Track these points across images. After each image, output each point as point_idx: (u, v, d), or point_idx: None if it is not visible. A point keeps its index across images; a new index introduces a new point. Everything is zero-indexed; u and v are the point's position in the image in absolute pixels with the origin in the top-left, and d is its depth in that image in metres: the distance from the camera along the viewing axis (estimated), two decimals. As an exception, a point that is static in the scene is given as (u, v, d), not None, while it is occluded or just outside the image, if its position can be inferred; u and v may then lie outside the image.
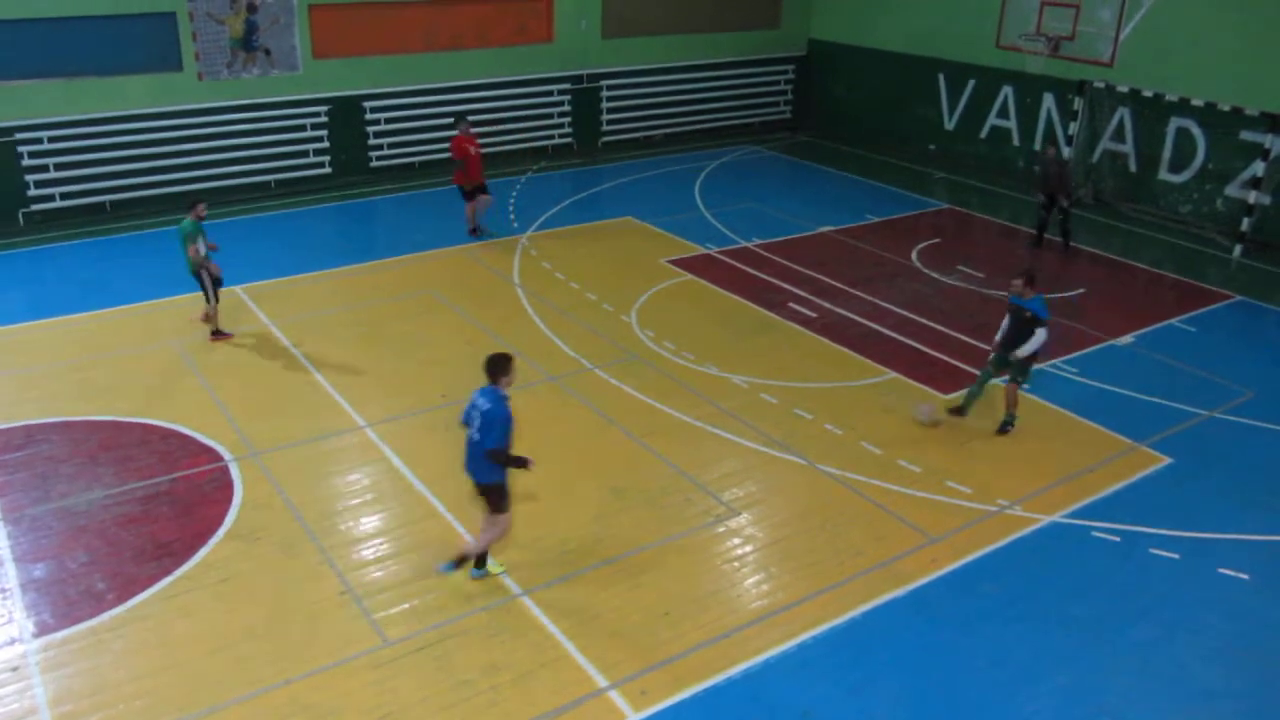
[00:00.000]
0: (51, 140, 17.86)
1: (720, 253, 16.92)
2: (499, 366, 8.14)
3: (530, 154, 22.71)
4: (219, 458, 10.59)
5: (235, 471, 10.34)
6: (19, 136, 17.58)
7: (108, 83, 18.20)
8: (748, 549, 9.30)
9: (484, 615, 8.34)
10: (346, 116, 20.44)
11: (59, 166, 18.02)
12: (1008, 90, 21.42)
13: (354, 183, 20.56)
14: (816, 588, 8.72)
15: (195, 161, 19.10)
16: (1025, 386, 11.34)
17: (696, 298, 15.06)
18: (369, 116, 20.71)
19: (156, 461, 10.48)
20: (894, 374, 12.66)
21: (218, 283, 13.27)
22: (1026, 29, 20.23)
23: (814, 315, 14.38)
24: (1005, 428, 11.25)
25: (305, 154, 20.24)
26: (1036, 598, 8.73)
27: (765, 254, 16.88)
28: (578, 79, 22.95)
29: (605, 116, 23.60)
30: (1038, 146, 20.79)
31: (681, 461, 10.64)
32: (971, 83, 22.09)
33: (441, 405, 11.71)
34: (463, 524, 9.46)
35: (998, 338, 11.29)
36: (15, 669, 7.76)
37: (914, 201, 20.19)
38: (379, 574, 8.85)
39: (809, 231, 18.12)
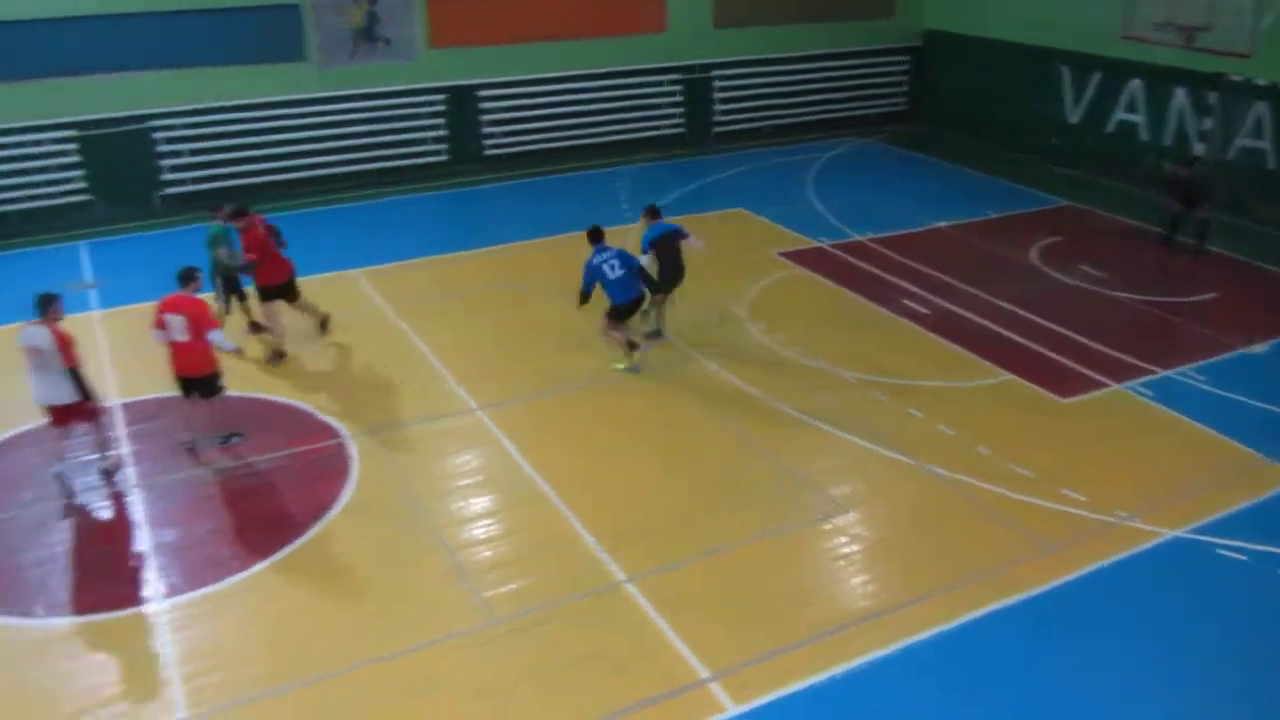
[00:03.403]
0: (183, 127, 18.64)
1: (832, 246, 16.72)
2: (597, 234, 12.16)
3: (641, 144, 22.77)
4: (336, 435, 10.95)
5: (352, 449, 10.67)
6: (154, 124, 18.40)
7: (235, 72, 18.89)
8: (853, 547, 9.19)
9: (588, 600, 8.43)
10: (461, 105, 20.81)
11: (190, 153, 18.79)
12: (1136, 83, 20.57)
13: (468, 170, 20.93)
14: (923, 591, 8.56)
15: (316, 149, 19.71)
16: None
17: (807, 291, 14.92)
18: (483, 105, 21.06)
19: (278, 436, 10.88)
20: (1009, 375, 12.32)
21: (236, 286, 13.04)
22: (1155, 18, 19.37)
23: (927, 312, 14.10)
24: None
25: (422, 141, 20.69)
26: (1155, 616, 8.37)
27: (878, 248, 16.61)
28: (689, 69, 22.91)
29: (717, 107, 23.51)
30: (1168, 143, 19.92)
31: (788, 455, 10.57)
32: (1097, 75, 21.27)
33: (549, 391, 11.87)
34: (571, 506, 9.58)
35: None
36: (147, 627, 8.17)
37: (1033, 198, 19.61)
38: (488, 554, 9.03)
39: (923, 226, 17.77)
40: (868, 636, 8.04)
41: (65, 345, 9.58)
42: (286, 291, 12.71)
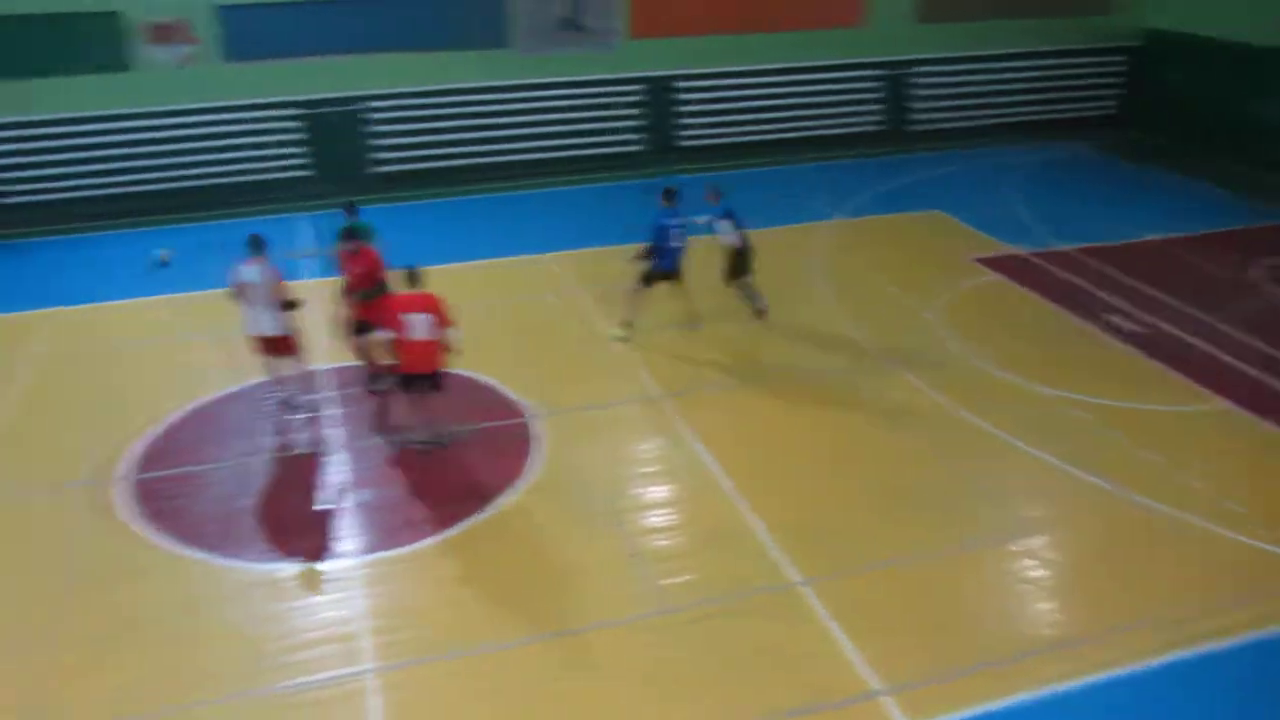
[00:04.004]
0: (392, 109, 19.59)
1: (1034, 254, 16.00)
2: (672, 194, 12.55)
3: (837, 140, 22.39)
4: (523, 413, 11.28)
5: (538, 428, 10.98)
6: (366, 105, 19.42)
7: (442, 57, 19.68)
8: (1041, 572, 8.79)
9: (761, 597, 8.40)
10: (658, 95, 21.01)
11: (398, 134, 19.74)
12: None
13: (662, 160, 21.13)
14: (1113, 625, 8.09)
15: (514, 135, 20.31)
16: None
17: (1004, 300, 14.34)
18: (679, 97, 21.19)
19: (471, 410, 11.30)
20: (1226, 403, 11.48)
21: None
22: None
23: (1135, 329, 13.30)
24: None
25: (616, 131, 21.02)
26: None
27: (1084, 259, 15.79)
28: (890, 64, 22.37)
29: (916, 105, 22.87)
30: None
31: (977, 471, 10.21)
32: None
33: (735, 383, 11.87)
34: (749, 502, 9.56)
35: None
36: (342, 580, 8.66)
37: (1263, 213, 18.17)
38: (664, 542, 9.13)
39: (1135, 238, 16.76)
40: (1048, 667, 7.66)
41: (273, 281, 10.60)
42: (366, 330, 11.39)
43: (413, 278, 10.23)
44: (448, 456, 10.45)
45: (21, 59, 17.66)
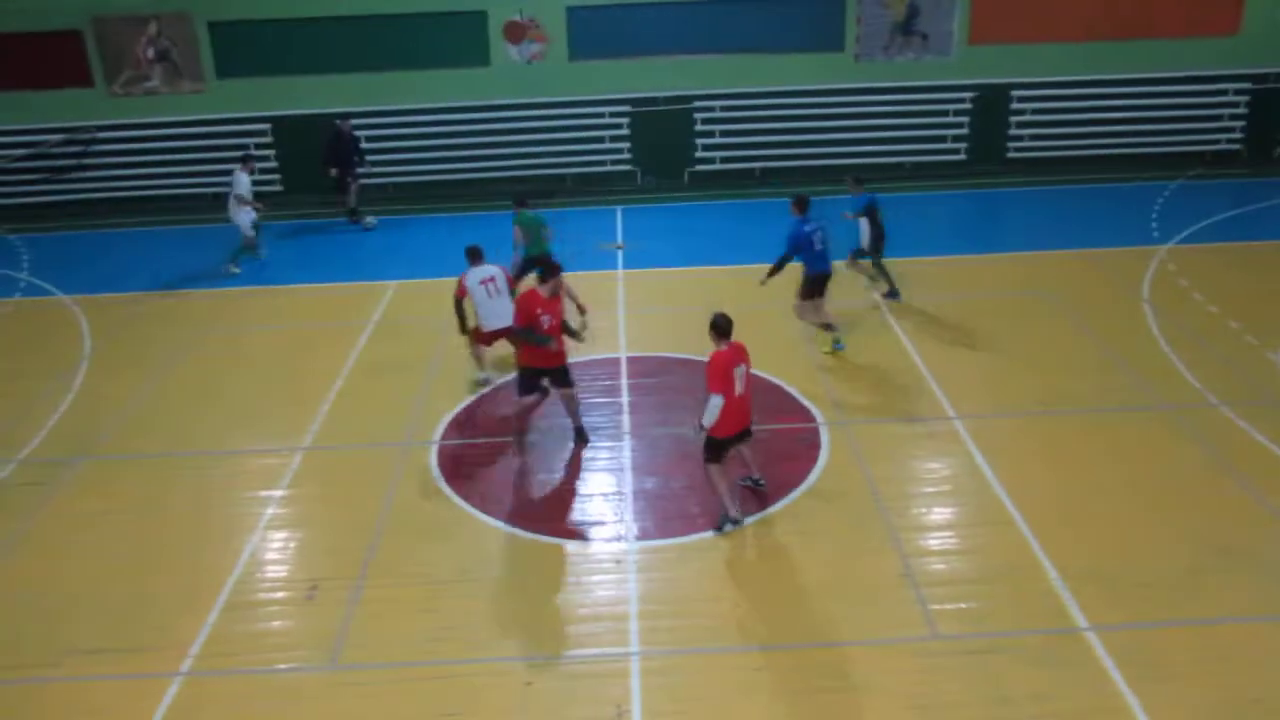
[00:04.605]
0: (721, 109, 20.03)
1: None
2: (804, 202, 12.46)
3: (1185, 158, 20.42)
4: (812, 419, 11.23)
5: (824, 435, 10.90)
6: (695, 105, 20.00)
7: (775, 59, 19.87)
8: (1387, 661, 7.62)
9: (1040, 638, 7.86)
10: (990, 104, 20.10)
11: (722, 133, 20.18)
12: None
13: (987, 171, 20.22)
14: None
15: (840, 139, 20.16)
16: None
17: (1375, 347, 12.53)
18: (1014, 106, 20.16)
19: (758, 411, 11.36)
20: None
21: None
22: None
23: None
24: None
25: (944, 139, 20.34)
26: None
27: None
28: (1262, 78, 20.07)
29: (1290, 122, 20.39)
30: None
31: (1315, 534, 9.02)
32: None
33: (1040, 412, 11.19)
34: (1041, 537, 8.99)
35: None
36: (618, 562, 9.04)
37: None
38: (940, 566, 8.79)
39: None
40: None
41: (510, 282, 12.02)
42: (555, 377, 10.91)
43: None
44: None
45: (401, 52, 19.77)
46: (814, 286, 12.57)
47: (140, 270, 16.99)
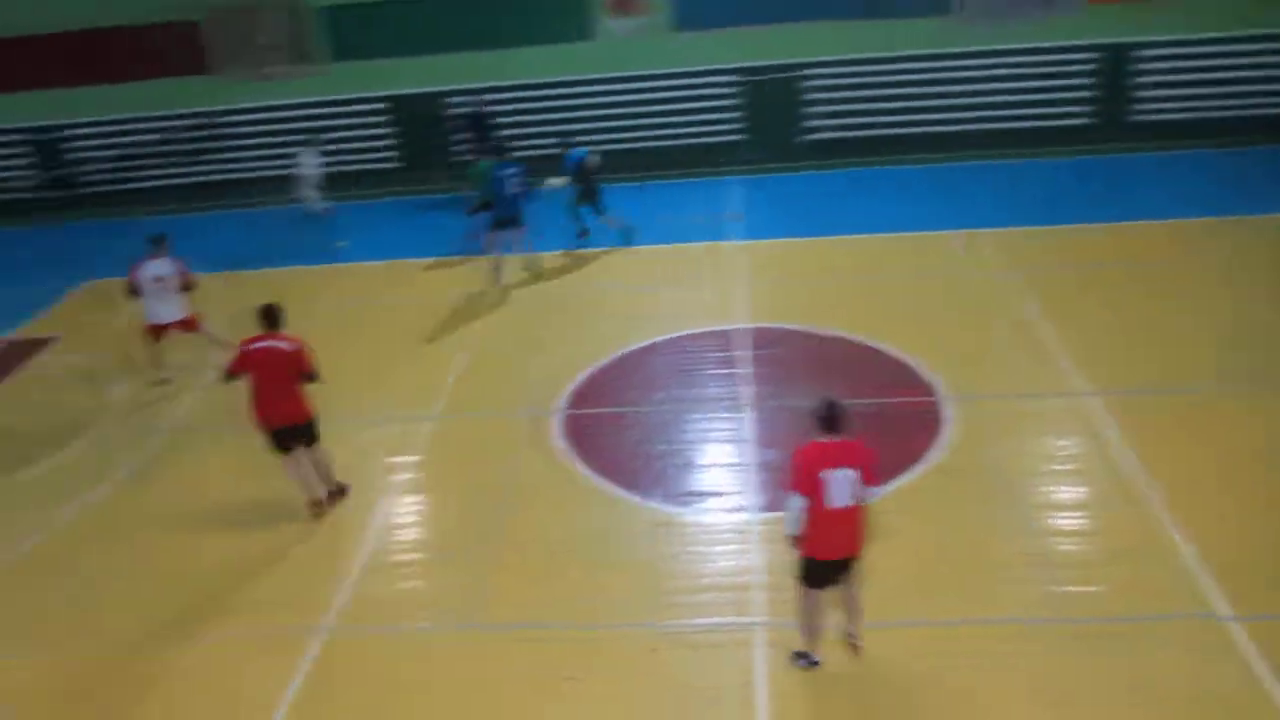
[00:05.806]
0: (829, 77, 19.69)
1: None
2: None
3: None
4: (934, 393, 11.09)
5: (948, 410, 10.76)
6: (803, 73, 19.69)
7: (882, 25, 19.37)
8: None
9: (1179, 624, 7.63)
10: (1114, 66, 19.30)
11: (832, 101, 19.84)
12: None
13: (1113, 137, 19.45)
14: None
15: (950, 104, 19.62)
16: None
17: None
18: (1140, 67, 19.32)
19: (879, 384, 11.30)
20: None
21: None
22: None
23: None
24: None
25: (1063, 103, 19.64)
26: None
27: None
28: None
29: None
30: None
31: None
32: None
33: (1179, 388, 10.79)
34: (1181, 522, 8.71)
35: None
36: (741, 533, 9.12)
37: None
38: (1070, 547, 8.62)
39: None
40: None
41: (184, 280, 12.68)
42: None
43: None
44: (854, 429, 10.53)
45: (500, 30, 19.91)
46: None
47: (250, 248, 17.68)
